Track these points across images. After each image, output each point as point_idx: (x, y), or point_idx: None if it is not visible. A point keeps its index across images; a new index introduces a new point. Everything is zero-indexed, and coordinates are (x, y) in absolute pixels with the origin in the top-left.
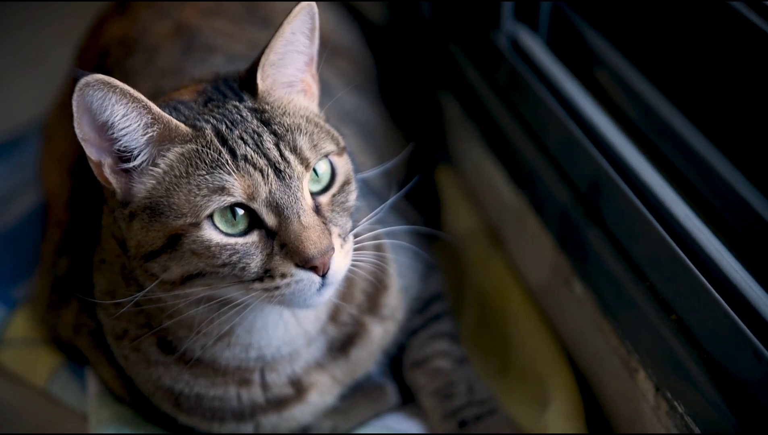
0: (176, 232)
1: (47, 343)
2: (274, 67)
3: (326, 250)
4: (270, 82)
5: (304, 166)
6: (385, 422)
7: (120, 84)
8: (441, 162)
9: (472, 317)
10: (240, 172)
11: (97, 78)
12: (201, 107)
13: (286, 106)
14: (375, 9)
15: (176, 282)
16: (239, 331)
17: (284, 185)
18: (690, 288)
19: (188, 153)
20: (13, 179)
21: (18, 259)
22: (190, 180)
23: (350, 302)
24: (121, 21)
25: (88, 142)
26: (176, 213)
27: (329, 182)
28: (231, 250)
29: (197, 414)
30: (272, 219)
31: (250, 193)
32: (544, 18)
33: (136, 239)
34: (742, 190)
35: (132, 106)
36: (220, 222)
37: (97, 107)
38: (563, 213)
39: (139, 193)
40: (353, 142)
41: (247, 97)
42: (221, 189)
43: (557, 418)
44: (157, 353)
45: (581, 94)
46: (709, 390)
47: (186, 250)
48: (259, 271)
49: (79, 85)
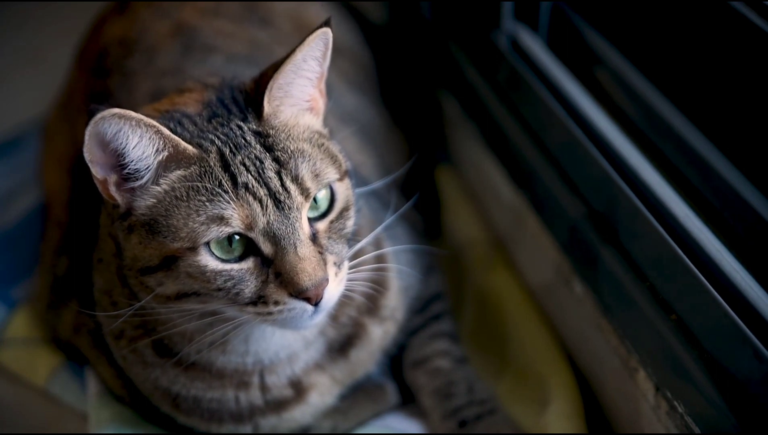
0: (172, 254)
1: (47, 343)
2: (282, 90)
3: (320, 281)
4: (276, 104)
5: (304, 197)
6: (385, 422)
7: (135, 115)
8: (441, 162)
9: (472, 317)
10: (239, 202)
11: (113, 112)
12: (205, 123)
13: (291, 130)
14: (375, 9)
15: (171, 297)
16: (235, 341)
17: (283, 216)
18: (690, 288)
19: (190, 175)
20: (13, 179)
21: (18, 259)
22: (190, 204)
23: (349, 305)
24: (120, 21)
25: (95, 163)
26: (174, 235)
27: (328, 208)
28: (226, 275)
29: (196, 415)
30: (269, 248)
31: (248, 224)
32: (544, 18)
33: (132, 253)
34: (742, 190)
35: (145, 134)
36: (216, 248)
37: (111, 137)
38: (563, 213)
39: (140, 209)
40: (353, 141)
41: (252, 118)
42: (220, 218)
43: (557, 418)
44: (153, 356)
45: (581, 94)
46: (709, 390)
47: (181, 271)
48: (253, 296)
49: (95, 120)
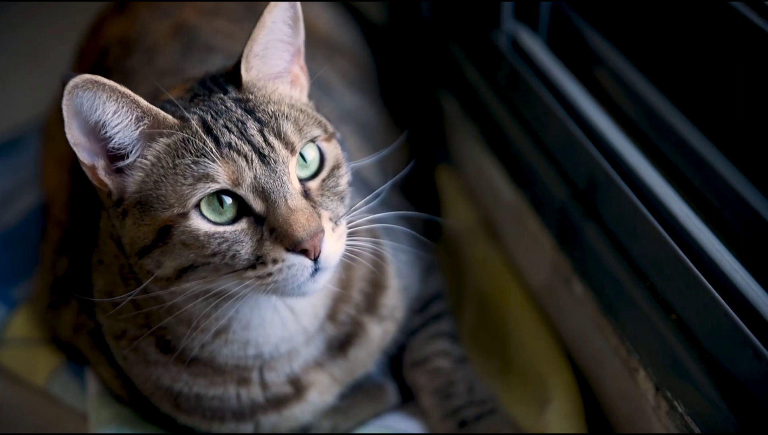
0: (165, 223)
1: (47, 343)
2: (258, 57)
3: (315, 231)
4: (255, 73)
5: (289, 151)
6: (385, 422)
7: (107, 81)
8: (441, 162)
9: (472, 317)
10: (224, 159)
11: (85, 78)
12: (187, 103)
13: (271, 95)
14: (375, 9)
15: (171, 277)
16: (236, 327)
17: (269, 170)
18: (690, 288)
19: (174, 144)
20: (13, 179)
21: (18, 259)
22: (176, 170)
23: (348, 302)
24: (120, 21)
25: (80, 147)
26: (164, 204)
27: (318, 167)
28: (220, 238)
29: (197, 414)
30: (260, 204)
31: (234, 179)
32: (544, 18)
33: (129, 236)
34: (742, 190)
35: (122, 102)
36: (208, 211)
37: (88, 108)
38: (563, 212)
39: (130, 188)
40: (353, 141)
41: (232, 88)
42: (206, 176)
43: (557, 417)
44: (156, 353)
45: (581, 94)
46: (709, 390)
47: (176, 241)
48: (250, 257)
49: (68, 88)
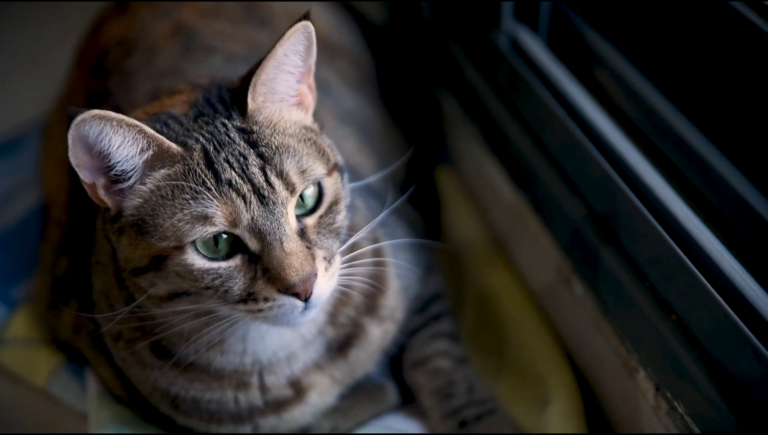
0: (160, 253)
1: (47, 343)
2: (266, 85)
3: (308, 276)
4: (261, 100)
5: (289, 192)
6: (385, 422)
7: (115, 115)
8: (441, 162)
9: (472, 317)
10: (222, 199)
11: (93, 114)
12: (191, 122)
13: (276, 124)
14: (375, 9)
15: (164, 297)
16: (231, 340)
17: (267, 211)
18: (690, 288)
19: (175, 174)
20: (13, 179)
21: (18, 259)
22: (175, 202)
23: (348, 304)
24: (120, 21)
25: (81, 167)
26: (160, 235)
27: (316, 203)
28: (214, 274)
29: (195, 416)
30: (255, 244)
31: (232, 220)
32: (544, 18)
33: (124, 254)
34: (742, 190)
35: (128, 135)
36: (203, 247)
37: (94, 139)
38: (563, 213)
39: (128, 210)
40: (352, 141)
41: (236, 115)
42: (204, 217)
43: (557, 417)
44: (151, 357)
45: (581, 94)
46: (709, 390)
47: (170, 271)
48: (242, 293)
49: (75, 121)
